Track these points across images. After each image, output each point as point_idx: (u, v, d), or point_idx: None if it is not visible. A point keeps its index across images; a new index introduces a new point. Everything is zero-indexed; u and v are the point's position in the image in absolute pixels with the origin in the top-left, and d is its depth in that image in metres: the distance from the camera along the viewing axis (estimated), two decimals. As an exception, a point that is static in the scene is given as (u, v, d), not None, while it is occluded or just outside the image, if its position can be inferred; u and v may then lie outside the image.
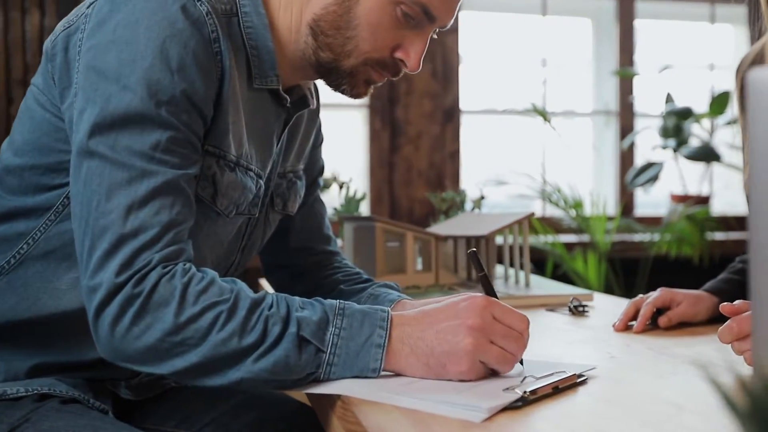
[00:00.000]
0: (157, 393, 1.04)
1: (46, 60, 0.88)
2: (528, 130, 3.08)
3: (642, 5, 3.14)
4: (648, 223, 2.98)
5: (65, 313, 0.88)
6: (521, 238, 1.42)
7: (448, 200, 1.64)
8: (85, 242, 0.78)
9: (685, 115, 2.83)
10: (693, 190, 2.97)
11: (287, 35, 0.93)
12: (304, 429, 1.04)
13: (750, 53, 1.23)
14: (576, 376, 0.77)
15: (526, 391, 0.70)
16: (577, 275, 2.67)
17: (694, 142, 2.85)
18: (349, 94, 0.95)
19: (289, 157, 1.06)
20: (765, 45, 1.14)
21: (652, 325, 1.07)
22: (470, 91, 3.02)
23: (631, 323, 1.08)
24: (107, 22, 0.81)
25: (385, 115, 2.85)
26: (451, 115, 2.91)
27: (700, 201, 2.92)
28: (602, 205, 2.71)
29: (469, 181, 2.95)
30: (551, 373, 0.77)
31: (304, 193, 1.12)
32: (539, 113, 2.73)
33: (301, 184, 1.10)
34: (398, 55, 0.91)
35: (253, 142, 0.94)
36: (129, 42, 0.79)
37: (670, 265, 2.79)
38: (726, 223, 2.93)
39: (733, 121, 2.66)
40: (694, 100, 2.95)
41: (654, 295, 1.09)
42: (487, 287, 0.84)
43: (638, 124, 3.14)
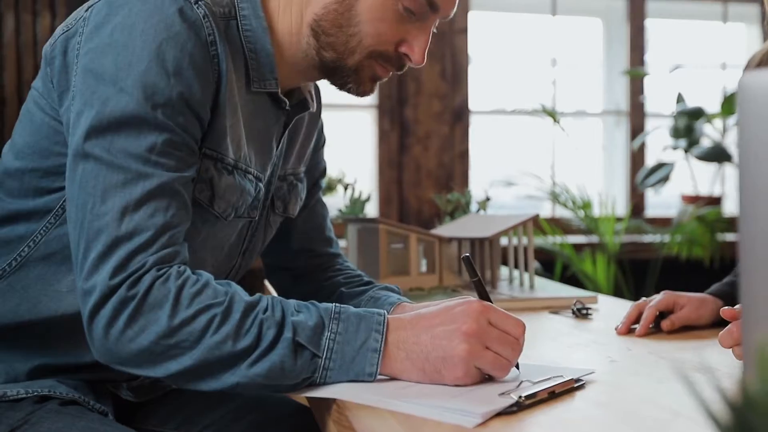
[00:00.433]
0: (158, 395, 1.04)
1: (45, 64, 0.89)
2: (537, 131, 3.07)
3: (653, 4, 3.11)
4: (658, 224, 2.96)
5: (65, 316, 0.88)
6: (526, 240, 1.41)
7: (453, 202, 1.63)
8: (80, 244, 0.78)
9: (697, 115, 2.80)
10: (704, 190, 2.94)
11: (287, 38, 0.93)
12: (304, 431, 1.04)
13: (757, 53, 1.22)
14: (573, 380, 0.77)
15: (521, 396, 0.70)
16: (585, 276, 2.66)
17: (706, 143, 2.83)
18: (355, 93, 0.94)
19: (289, 160, 1.06)
20: None
21: (655, 329, 1.06)
22: (479, 92, 3.01)
23: (633, 326, 1.07)
24: (105, 26, 0.81)
25: (394, 116, 2.85)
26: (460, 115, 2.90)
27: (712, 202, 2.90)
28: (611, 205, 2.69)
29: (478, 181, 2.94)
30: (548, 378, 0.76)
31: (305, 196, 1.12)
32: (548, 113, 2.72)
33: (302, 186, 1.10)
34: (402, 50, 0.91)
35: (252, 145, 0.94)
36: (126, 45, 0.80)
37: (681, 266, 2.77)
38: (737, 224, 2.90)
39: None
40: (705, 99, 2.93)
41: (657, 298, 1.08)
42: (482, 292, 0.84)
43: (649, 124, 3.11)
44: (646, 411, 0.69)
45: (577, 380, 0.78)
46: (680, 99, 2.89)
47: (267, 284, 1.54)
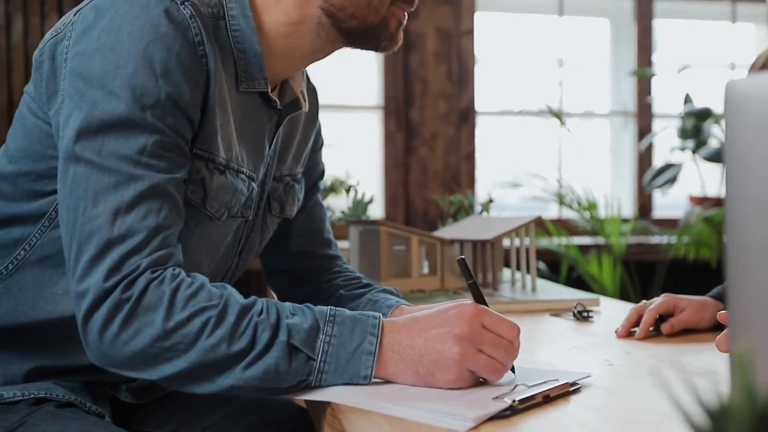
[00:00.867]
0: (156, 396, 1.04)
1: (35, 68, 0.89)
2: (544, 132, 3.06)
3: (661, 5, 3.10)
4: (666, 226, 2.95)
5: (62, 318, 0.88)
6: (528, 242, 1.41)
7: (455, 203, 1.63)
8: (72, 247, 0.79)
9: (705, 115, 2.79)
10: (712, 192, 2.93)
11: (282, 29, 0.92)
12: (303, 434, 1.04)
13: (762, 55, 1.21)
14: (569, 384, 0.76)
15: (515, 400, 0.70)
16: (591, 278, 2.65)
17: (714, 144, 2.81)
18: (390, 46, 0.95)
19: (285, 160, 1.06)
20: None
21: (655, 332, 1.06)
22: (486, 93, 3.00)
23: (634, 329, 1.06)
24: (92, 30, 0.81)
25: (400, 117, 2.85)
26: (466, 116, 2.90)
27: (719, 203, 2.88)
28: (617, 207, 2.68)
29: (484, 182, 2.94)
30: (543, 381, 0.76)
31: (303, 197, 1.12)
32: (554, 115, 2.72)
33: (299, 187, 1.10)
34: None
35: (244, 145, 0.94)
36: (113, 48, 0.80)
37: (688, 268, 2.75)
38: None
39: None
40: (713, 100, 2.91)
41: (657, 301, 1.08)
42: (477, 295, 0.84)
43: (656, 125, 3.10)
44: (640, 416, 0.69)
45: (573, 384, 0.77)
46: (688, 99, 2.87)
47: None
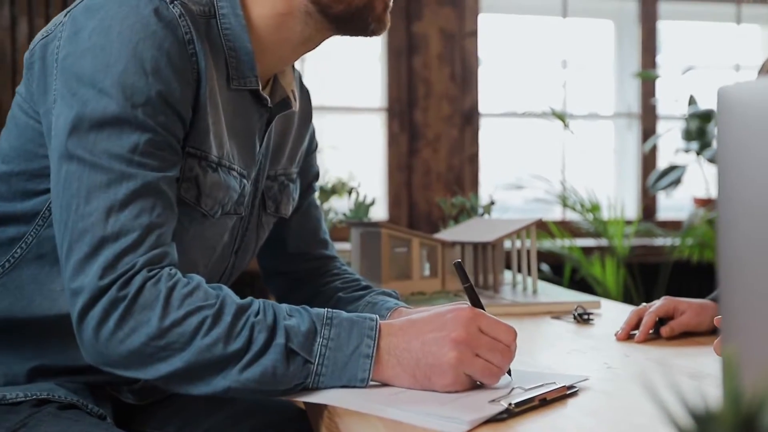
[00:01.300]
0: (158, 398, 1.05)
1: (26, 69, 0.89)
2: (548, 133, 3.06)
3: (665, 6, 3.09)
4: (670, 228, 2.94)
5: (60, 315, 0.88)
6: (529, 244, 1.41)
7: (457, 205, 1.63)
8: (64, 245, 0.79)
9: (709, 117, 2.78)
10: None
11: (271, 21, 0.92)
12: (303, 436, 1.04)
13: None
14: (566, 387, 0.76)
15: (511, 403, 0.70)
16: (594, 280, 2.64)
17: (718, 145, 2.80)
18: (378, 30, 0.95)
19: (280, 160, 1.07)
20: None
21: (654, 335, 1.06)
22: (490, 94, 3.00)
23: (633, 332, 1.06)
24: (82, 30, 0.82)
25: (404, 119, 2.85)
26: (470, 118, 2.90)
27: (724, 205, 2.87)
28: (620, 208, 2.68)
29: (488, 184, 2.94)
30: (540, 385, 0.76)
31: (298, 198, 1.13)
32: (558, 117, 2.71)
33: (293, 186, 1.11)
34: None
35: (235, 143, 0.94)
36: (103, 47, 0.80)
37: (692, 270, 2.74)
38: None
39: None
40: (718, 102, 2.90)
41: (657, 303, 1.08)
42: (473, 298, 0.84)
43: (661, 126, 3.09)
44: (636, 419, 0.69)
45: (570, 387, 0.77)
46: (692, 101, 2.86)
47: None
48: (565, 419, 0.70)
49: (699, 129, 2.79)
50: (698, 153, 2.79)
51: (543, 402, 0.73)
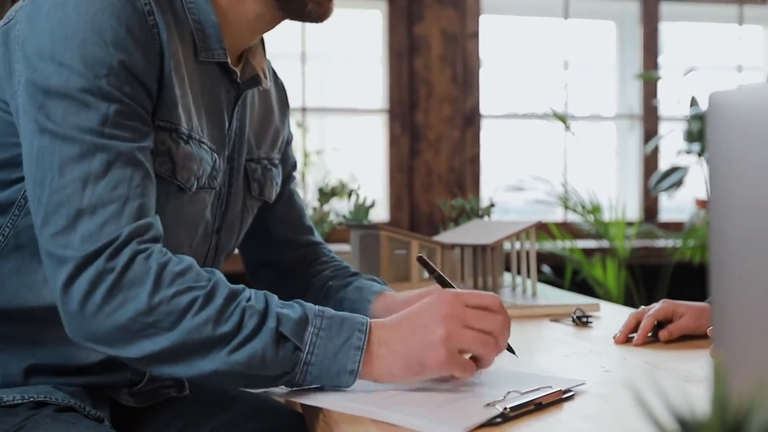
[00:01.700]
0: (158, 401, 1.05)
1: None
2: (550, 135, 3.06)
3: (667, 7, 3.09)
4: (671, 229, 2.94)
5: (47, 307, 0.86)
6: (529, 246, 1.41)
7: (457, 207, 1.63)
8: (39, 220, 0.77)
9: (710, 118, 2.78)
10: (718, 195, 2.91)
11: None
12: (303, 440, 1.04)
13: None
14: (562, 391, 0.76)
15: (506, 408, 0.70)
16: (596, 282, 2.64)
17: (720, 147, 2.80)
18: (315, 11, 0.94)
19: (261, 144, 1.08)
20: None
21: (653, 338, 1.06)
22: (491, 96, 3.00)
23: (632, 335, 1.06)
24: (40, 9, 0.81)
25: (405, 120, 2.85)
26: (471, 119, 2.89)
27: (726, 206, 2.87)
28: (621, 210, 2.67)
29: (489, 185, 2.94)
30: (537, 388, 0.76)
31: (280, 184, 1.13)
32: (559, 118, 2.71)
33: (276, 171, 1.11)
34: None
35: (204, 117, 0.94)
36: (60, 21, 0.79)
37: (693, 272, 2.74)
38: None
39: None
40: (719, 103, 2.90)
41: (656, 307, 1.07)
42: (445, 284, 0.85)
43: (663, 127, 3.09)
44: (632, 423, 0.68)
45: (567, 391, 0.77)
46: (694, 102, 2.86)
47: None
48: (560, 424, 0.70)
49: (701, 130, 2.79)
50: (700, 154, 2.79)
51: (539, 406, 0.73)
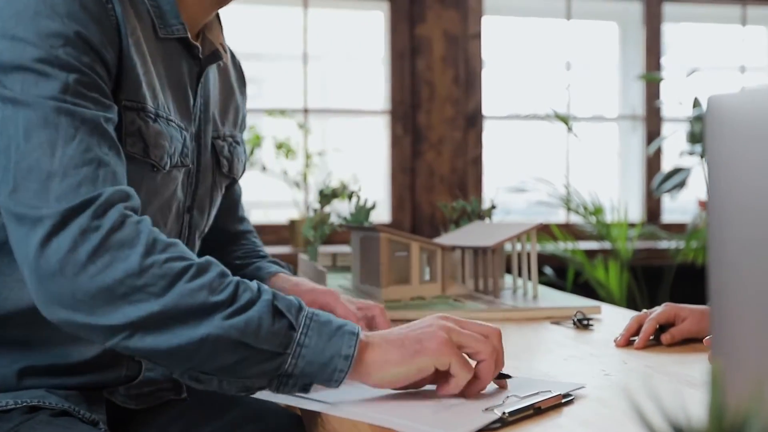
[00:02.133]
0: (156, 403, 1.04)
1: None
2: (552, 136, 3.05)
3: (670, 8, 3.08)
4: (674, 230, 2.93)
5: (32, 307, 0.81)
6: (530, 248, 1.40)
7: (458, 209, 1.63)
8: (6, 190, 0.74)
9: (713, 119, 2.77)
10: (722, 196, 2.90)
11: None
12: (303, 443, 1.03)
13: None
14: (561, 396, 0.76)
15: (505, 412, 0.69)
16: (598, 284, 2.63)
17: (723, 148, 2.79)
18: None
19: (224, 121, 1.09)
20: None
21: (655, 341, 1.05)
22: (493, 97, 3.00)
23: (633, 338, 1.06)
24: None
25: (407, 121, 2.84)
26: (473, 120, 2.89)
27: (729, 208, 2.86)
28: (623, 211, 2.67)
29: (491, 187, 2.93)
30: (536, 393, 0.75)
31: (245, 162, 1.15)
32: (561, 119, 2.70)
33: (241, 149, 1.12)
34: None
35: (169, 95, 0.94)
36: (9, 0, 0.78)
37: (696, 273, 2.73)
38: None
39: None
40: (723, 104, 2.89)
41: (658, 310, 1.07)
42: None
43: (665, 129, 3.08)
44: (631, 428, 0.68)
45: (566, 395, 0.76)
46: (697, 103, 2.85)
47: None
48: (559, 428, 0.70)
49: (703, 131, 2.78)
50: (703, 156, 2.78)
51: (538, 411, 0.72)
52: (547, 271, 2.69)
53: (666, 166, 3.00)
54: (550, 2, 3.06)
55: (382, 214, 2.84)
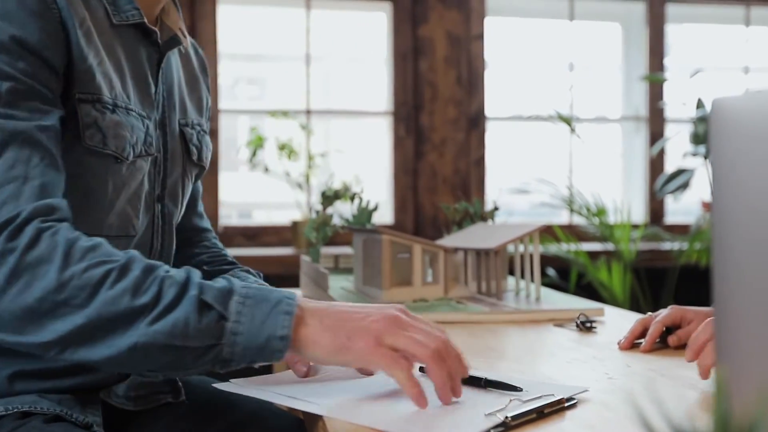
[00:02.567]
0: (153, 405, 1.03)
1: None
2: (555, 137, 3.05)
3: (673, 9, 3.08)
4: (678, 232, 2.92)
5: None
6: (533, 249, 1.39)
7: (460, 211, 1.62)
8: None
9: (717, 120, 2.76)
10: (725, 197, 2.89)
11: None
12: (302, 446, 1.03)
13: None
14: (564, 399, 0.75)
15: (507, 416, 0.69)
16: (601, 285, 2.63)
17: (726, 149, 2.78)
18: None
19: (193, 109, 1.07)
20: None
21: (661, 344, 1.04)
22: (496, 98, 2.99)
23: (638, 341, 1.05)
24: None
25: (410, 122, 2.84)
26: (476, 121, 2.88)
27: (733, 209, 2.85)
28: (626, 212, 2.66)
29: (494, 188, 2.93)
30: (539, 396, 0.75)
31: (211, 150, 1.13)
32: (564, 120, 2.70)
33: (208, 138, 1.11)
34: None
35: (130, 84, 0.92)
36: None
37: (699, 275, 2.72)
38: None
39: None
40: (726, 105, 2.88)
41: (663, 312, 1.06)
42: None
43: (669, 130, 3.07)
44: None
45: (569, 399, 0.76)
46: (700, 104, 2.84)
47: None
48: (561, 432, 0.69)
49: (707, 132, 2.77)
50: (706, 157, 2.77)
51: (540, 414, 0.72)
52: (550, 272, 2.69)
53: (669, 168, 2.99)
54: (552, 3, 3.05)
55: (384, 216, 2.84)
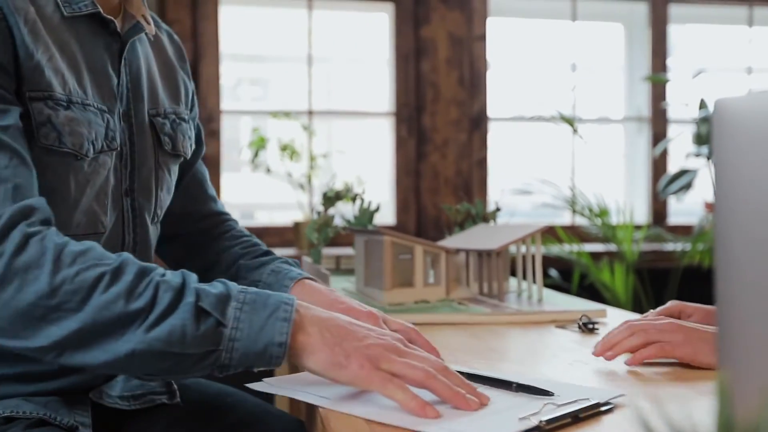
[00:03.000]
0: (147, 406, 1.00)
1: None
2: (557, 137, 3.04)
3: (675, 9, 3.07)
4: (680, 233, 2.91)
5: None
6: (535, 250, 1.39)
7: (463, 211, 1.62)
8: None
9: (720, 121, 2.75)
10: (728, 198, 2.88)
11: None
12: (302, 447, 1.02)
13: None
14: (600, 404, 0.72)
15: (542, 421, 0.66)
16: (604, 286, 2.62)
17: (729, 149, 2.77)
18: None
19: (166, 98, 1.04)
20: None
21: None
22: (498, 98, 2.99)
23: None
24: None
25: (412, 123, 2.84)
26: (478, 122, 2.88)
27: (736, 210, 2.84)
28: (629, 213, 2.65)
29: (496, 189, 2.92)
30: (574, 401, 0.72)
31: (194, 140, 1.09)
32: (567, 121, 2.69)
33: (187, 126, 1.07)
34: None
35: (87, 77, 0.90)
36: None
37: (702, 275, 2.71)
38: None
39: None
40: (729, 105, 2.87)
41: (664, 306, 1.06)
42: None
43: (671, 130, 3.07)
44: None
45: (605, 403, 0.73)
46: (703, 105, 2.84)
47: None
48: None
49: (710, 133, 2.77)
50: (709, 157, 2.76)
51: (576, 419, 0.69)
52: (553, 273, 2.68)
53: (672, 168, 2.98)
54: (555, 3, 3.05)
55: (386, 217, 2.84)
